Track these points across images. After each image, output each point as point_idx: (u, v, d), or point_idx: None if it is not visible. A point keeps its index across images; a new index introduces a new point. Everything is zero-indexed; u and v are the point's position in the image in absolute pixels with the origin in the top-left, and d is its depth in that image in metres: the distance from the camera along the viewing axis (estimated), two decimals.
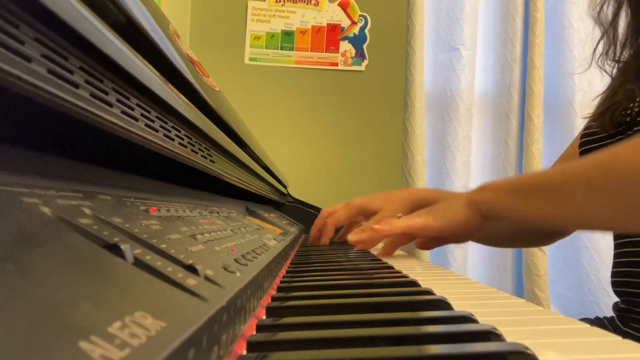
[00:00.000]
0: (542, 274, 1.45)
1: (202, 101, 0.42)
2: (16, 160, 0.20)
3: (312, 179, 1.52)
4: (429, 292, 0.35)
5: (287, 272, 0.48)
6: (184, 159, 0.34)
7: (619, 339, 0.24)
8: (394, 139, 1.53)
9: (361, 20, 1.56)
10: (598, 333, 0.26)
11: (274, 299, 0.33)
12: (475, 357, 0.20)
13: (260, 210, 0.77)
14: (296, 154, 1.53)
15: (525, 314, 0.31)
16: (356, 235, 0.71)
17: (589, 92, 1.51)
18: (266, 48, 1.53)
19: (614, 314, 0.70)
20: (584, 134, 0.75)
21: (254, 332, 0.25)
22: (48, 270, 0.13)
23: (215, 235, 0.32)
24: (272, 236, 0.56)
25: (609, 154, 0.45)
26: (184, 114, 0.34)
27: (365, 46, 1.55)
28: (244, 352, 0.22)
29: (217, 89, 0.54)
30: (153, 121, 0.28)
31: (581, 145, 0.74)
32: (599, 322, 0.70)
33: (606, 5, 0.74)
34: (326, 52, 1.54)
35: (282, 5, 1.54)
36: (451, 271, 0.57)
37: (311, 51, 1.54)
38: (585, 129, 0.76)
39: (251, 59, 1.53)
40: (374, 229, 0.67)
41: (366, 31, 1.56)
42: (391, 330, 0.24)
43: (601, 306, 1.43)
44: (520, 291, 1.50)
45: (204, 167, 0.40)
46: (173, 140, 0.32)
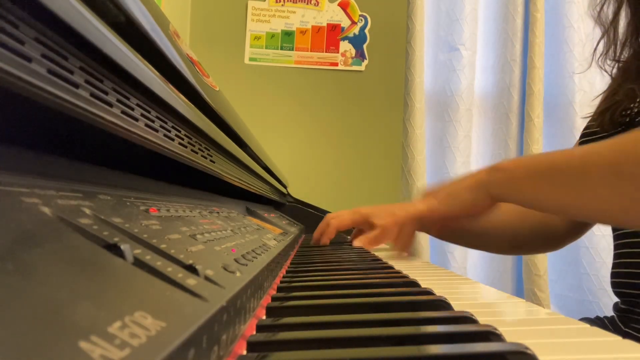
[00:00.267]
0: (542, 274, 1.45)
1: (202, 101, 0.42)
2: (16, 160, 0.20)
3: (312, 179, 1.52)
4: (429, 292, 0.35)
5: (287, 272, 0.48)
6: (184, 159, 0.34)
7: (619, 339, 0.24)
8: (394, 139, 1.53)
9: (361, 20, 1.56)
10: (598, 333, 0.26)
11: (274, 299, 0.33)
12: (475, 357, 0.20)
13: (260, 210, 0.77)
14: (296, 154, 1.53)
15: (525, 314, 0.31)
16: (360, 242, 0.73)
17: (589, 92, 1.51)
18: (266, 48, 1.53)
19: (614, 314, 0.70)
20: (583, 133, 0.75)
21: (254, 332, 0.25)
22: (48, 270, 0.13)
23: (215, 235, 0.32)
24: (272, 236, 0.56)
25: (635, 138, 0.40)
26: (184, 114, 0.34)
27: (365, 46, 1.55)
28: (244, 352, 0.22)
29: (217, 89, 0.54)
30: (153, 121, 0.28)
31: (581, 145, 0.74)
32: (600, 322, 0.70)
33: (606, 5, 0.74)
34: (326, 52, 1.54)
35: (282, 5, 1.54)
36: (451, 271, 0.57)
37: (311, 51, 1.54)
38: (585, 129, 0.76)
39: (251, 59, 1.53)
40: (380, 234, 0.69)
41: (366, 31, 1.56)
42: (391, 331, 0.24)
43: (601, 306, 1.43)
44: (520, 291, 1.51)
45: (204, 167, 0.40)
46: (173, 140, 0.32)
